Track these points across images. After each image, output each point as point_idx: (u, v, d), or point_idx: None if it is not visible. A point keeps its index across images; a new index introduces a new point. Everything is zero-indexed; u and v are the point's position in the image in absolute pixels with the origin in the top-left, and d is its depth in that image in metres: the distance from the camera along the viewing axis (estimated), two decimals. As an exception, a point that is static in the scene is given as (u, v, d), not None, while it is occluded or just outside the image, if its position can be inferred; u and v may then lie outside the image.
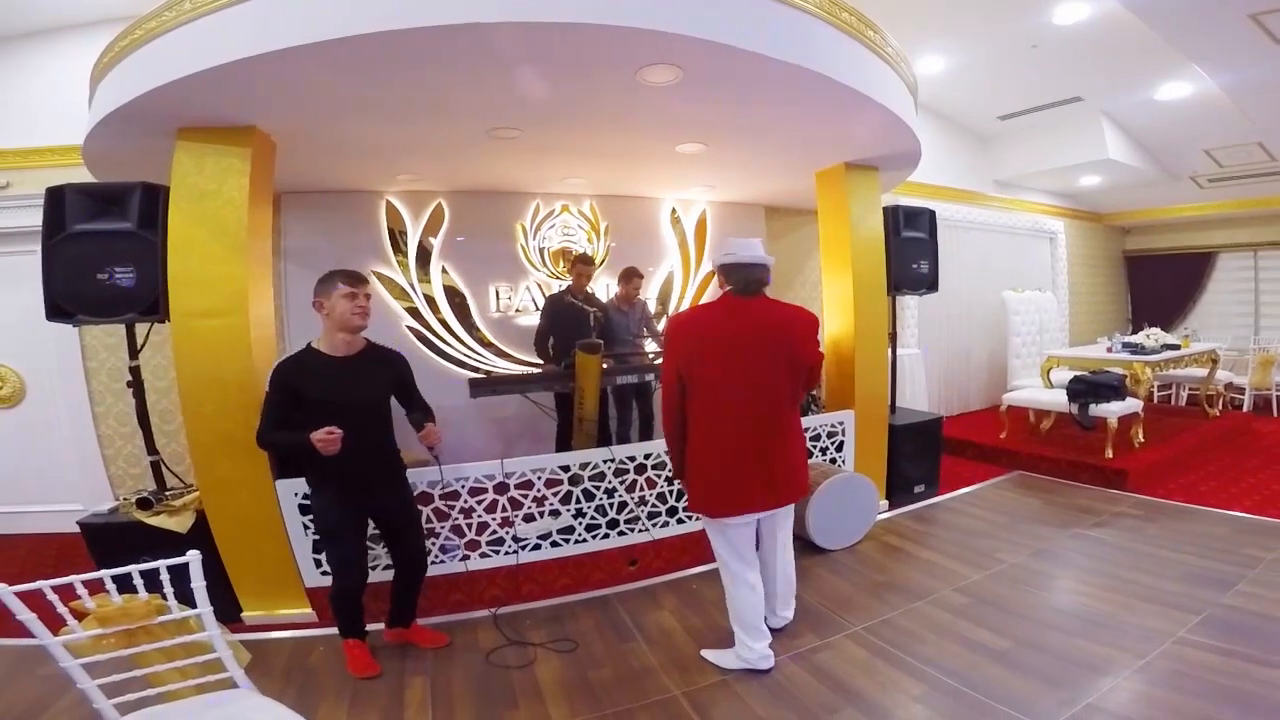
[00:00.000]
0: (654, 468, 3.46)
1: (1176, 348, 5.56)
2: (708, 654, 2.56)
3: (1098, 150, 6.29)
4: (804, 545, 3.61)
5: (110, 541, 2.91)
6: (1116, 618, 2.71)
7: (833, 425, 4.03)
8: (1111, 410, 4.73)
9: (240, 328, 2.86)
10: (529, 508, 3.26)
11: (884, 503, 4.25)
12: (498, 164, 4.11)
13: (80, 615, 1.68)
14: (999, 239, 7.26)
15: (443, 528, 3.15)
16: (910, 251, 4.43)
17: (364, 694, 2.39)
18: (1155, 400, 7.28)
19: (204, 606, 1.75)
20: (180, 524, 3.01)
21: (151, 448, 3.25)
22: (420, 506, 3.06)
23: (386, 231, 4.77)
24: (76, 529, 4.11)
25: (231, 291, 2.86)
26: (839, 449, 4.05)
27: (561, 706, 2.28)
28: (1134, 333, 5.97)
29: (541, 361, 4.58)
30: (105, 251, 2.84)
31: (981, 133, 7.15)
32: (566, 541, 3.31)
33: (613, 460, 3.36)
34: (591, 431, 3.72)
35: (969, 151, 7.10)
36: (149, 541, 2.87)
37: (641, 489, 3.45)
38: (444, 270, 4.92)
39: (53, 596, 1.55)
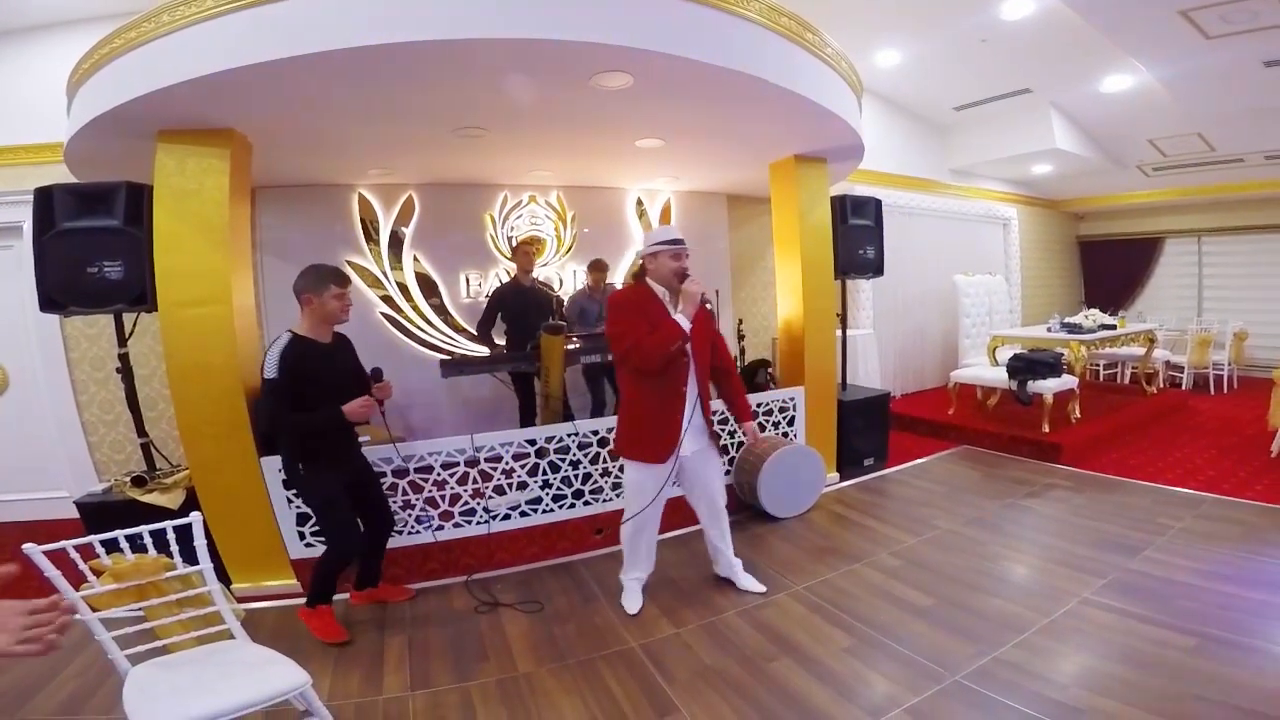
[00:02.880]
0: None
1: (1114, 328, 5.92)
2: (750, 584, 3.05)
3: (1046, 140, 6.61)
4: (756, 513, 3.91)
5: (105, 519, 3.07)
6: (1032, 580, 3.03)
7: (784, 401, 4.32)
8: (1047, 387, 5.07)
9: (224, 316, 3.04)
10: (499, 480, 3.50)
11: (834, 475, 4.55)
12: (466, 158, 4.30)
13: (98, 572, 1.90)
14: (954, 225, 7.58)
15: (417, 499, 3.38)
16: (857, 238, 4.69)
17: (347, 654, 2.62)
18: (1101, 378, 7.69)
19: (205, 563, 1.97)
20: (172, 500, 3.21)
21: (141, 430, 3.44)
22: (396, 479, 3.32)
23: (359, 223, 4.95)
24: (64, 515, 4.29)
25: (215, 283, 3.05)
26: (790, 423, 4.34)
27: (528, 658, 2.54)
28: (1085, 315, 6.32)
29: (486, 346, 4.78)
30: (94, 247, 3.00)
31: (938, 123, 7.43)
32: (534, 512, 3.56)
33: (576, 434, 3.61)
34: (557, 409, 3.96)
35: (926, 141, 7.39)
36: (142, 518, 3.06)
37: (604, 461, 3.70)
38: (416, 259, 5.12)
39: (75, 556, 1.78)
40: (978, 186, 8.00)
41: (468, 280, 5.27)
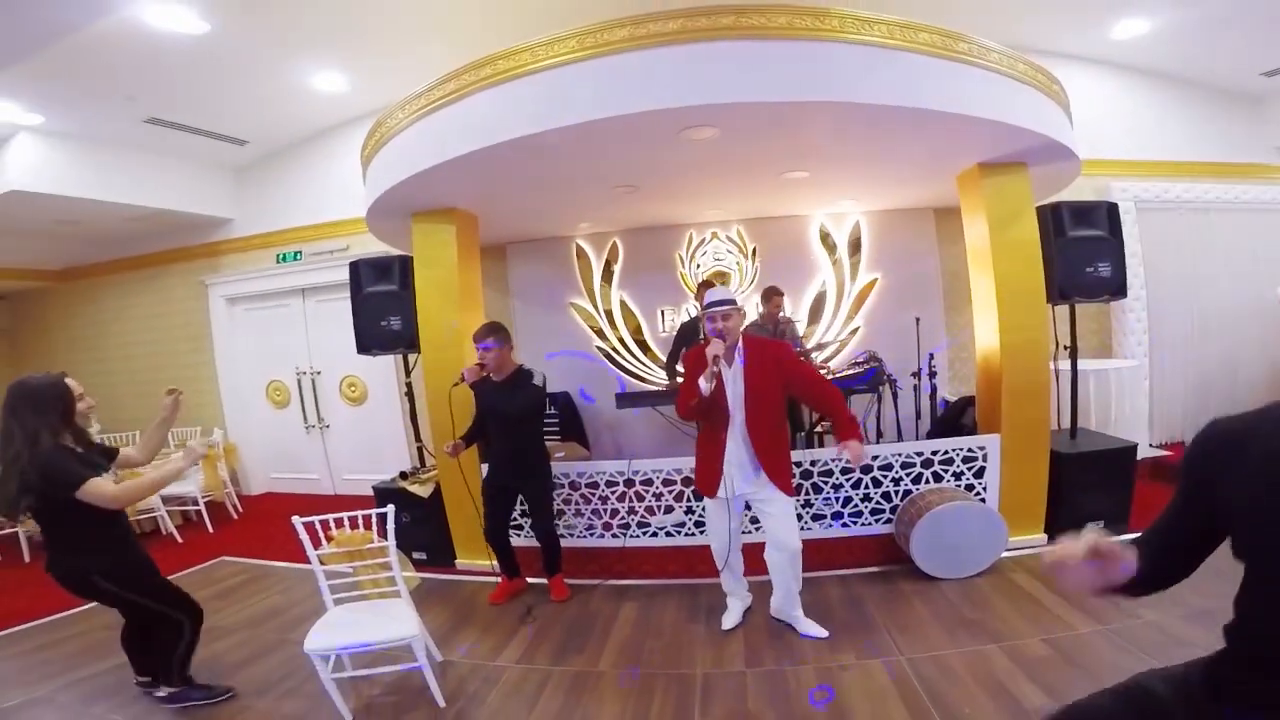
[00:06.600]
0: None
1: None
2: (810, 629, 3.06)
3: None
4: (909, 570, 3.62)
5: (386, 499, 4.41)
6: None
7: (969, 450, 3.89)
8: None
9: (458, 359, 4.04)
10: (649, 501, 4.00)
11: (1041, 536, 3.91)
12: (648, 204, 4.87)
13: (330, 539, 2.93)
14: (1283, 219, 5.61)
15: (586, 509, 4.07)
16: (1082, 253, 3.92)
17: (496, 625, 3.39)
18: None
19: (390, 540, 2.79)
20: (424, 491, 4.41)
21: (417, 437, 4.79)
22: (570, 492, 4.05)
23: (578, 269, 5.93)
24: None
25: (450, 332, 4.12)
26: (978, 475, 3.89)
27: (609, 659, 2.96)
28: None
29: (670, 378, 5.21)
30: (384, 305, 4.30)
31: (1240, 93, 5.63)
32: (678, 533, 3.95)
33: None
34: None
35: (1227, 117, 5.66)
36: (407, 501, 4.31)
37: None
38: (622, 298, 5.94)
39: (318, 528, 2.75)
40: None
41: (663, 315, 5.89)
